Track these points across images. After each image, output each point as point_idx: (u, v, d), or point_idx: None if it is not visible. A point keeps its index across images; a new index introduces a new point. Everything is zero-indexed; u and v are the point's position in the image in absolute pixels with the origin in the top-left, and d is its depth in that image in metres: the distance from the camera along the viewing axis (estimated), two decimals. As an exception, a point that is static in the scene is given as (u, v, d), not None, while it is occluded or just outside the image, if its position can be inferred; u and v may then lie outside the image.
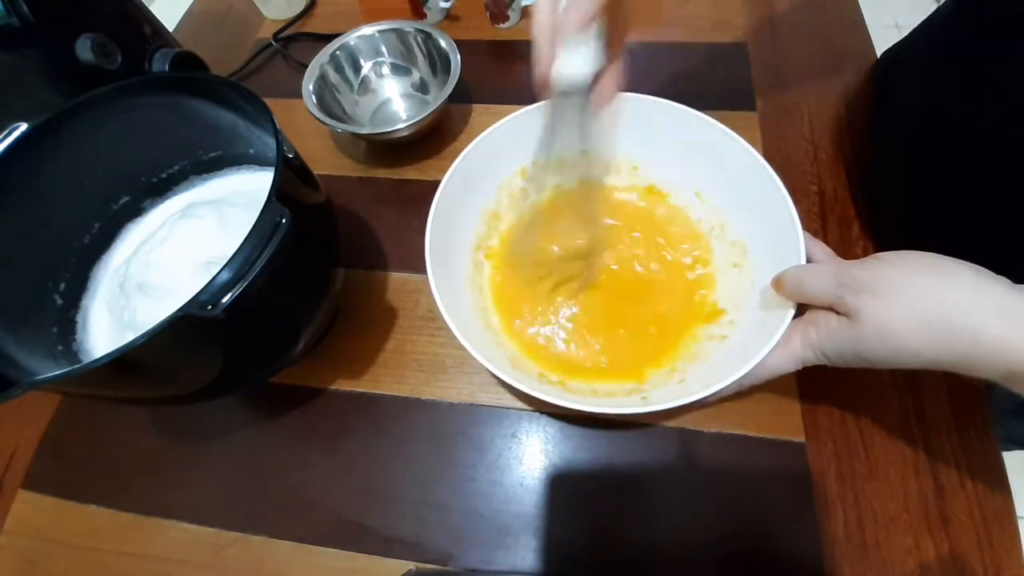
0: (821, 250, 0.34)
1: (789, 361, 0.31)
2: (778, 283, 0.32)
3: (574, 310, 0.42)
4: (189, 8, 0.73)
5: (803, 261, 0.33)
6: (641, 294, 0.42)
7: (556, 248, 0.44)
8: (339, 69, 0.55)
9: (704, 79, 0.56)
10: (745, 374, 0.30)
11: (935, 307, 0.25)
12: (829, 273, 0.29)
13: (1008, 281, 0.25)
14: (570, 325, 0.41)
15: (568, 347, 0.40)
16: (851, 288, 0.28)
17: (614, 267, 0.43)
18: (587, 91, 0.31)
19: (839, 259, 0.33)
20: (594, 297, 0.42)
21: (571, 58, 0.29)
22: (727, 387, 0.30)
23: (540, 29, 0.29)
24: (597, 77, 0.30)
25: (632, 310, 0.41)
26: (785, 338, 0.31)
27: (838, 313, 0.29)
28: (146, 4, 0.54)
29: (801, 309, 0.32)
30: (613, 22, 0.29)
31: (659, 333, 0.40)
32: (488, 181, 0.43)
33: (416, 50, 0.56)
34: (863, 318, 0.27)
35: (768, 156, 0.50)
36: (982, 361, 0.24)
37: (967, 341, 0.24)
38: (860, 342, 0.27)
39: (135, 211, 0.43)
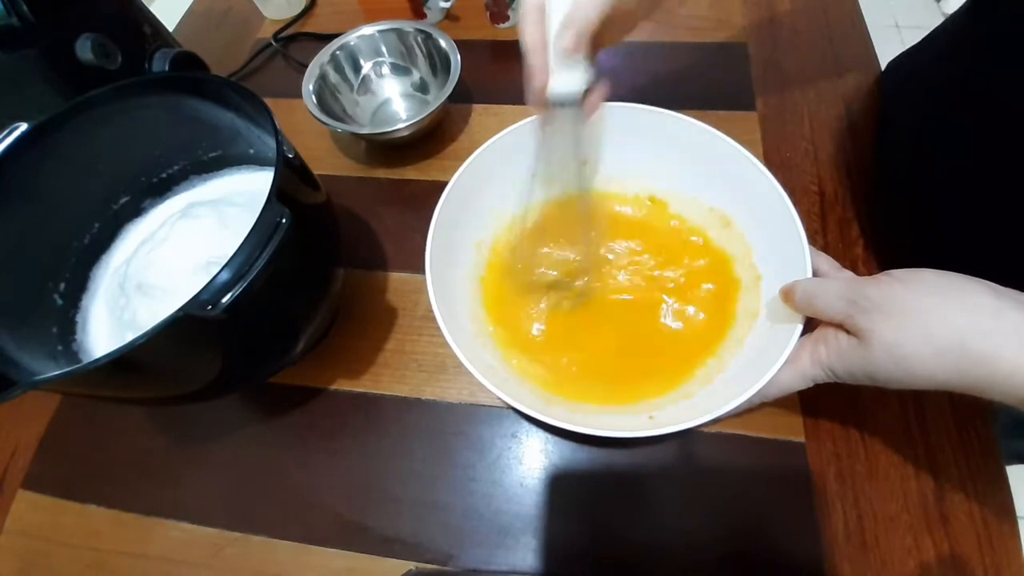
0: (827, 263, 0.33)
1: (798, 379, 0.30)
2: (787, 295, 0.32)
3: (573, 324, 0.41)
4: (189, 8, 0.73)
5: (809, 276, 0.33)
6: (644, 309, 0.41)
7: (553, 254, 0.44)
8: (339, 69, 0.55)
9: (704, 79, 0.56)
10: (756, 392, 0.30)
11: (950, 333, 0.24)
12: (840, 290, 0.28)
13: None
14: (569, 336, 0.40)
15: (569, 361, 0.39)
16: (861, 307, 0.27)
17: (616, 280, 0.42)
18: (579, 104, 0.32)
19: (847, 272, 0.33)
20: (594, 312, 0.41)
21: (564, 75, 0.31)
22: (738, 406, 0.30)
23: (532, 49, 0.30)
24: (587, 90, 0.32)
25: (636, 326, 0.41)
26: (794, 355, 0.30)
27: (848, 332, 0.28)
28: (146, 4, 0.54)
29: (809, 323, 0.31)
30: (596, 38, 0.30)
31: (664, 349, 0.39)
32: (491, 188, 0.42)
33: (416, 50, 0.56)
34: (874, 340, 0.26)
35: (768, 156, 0.49)
36: (998, 387, 0.24)
37: (984, 368, 0.24)
38: (871, 364, 0.26)
39: (135, 211, 0.43)
